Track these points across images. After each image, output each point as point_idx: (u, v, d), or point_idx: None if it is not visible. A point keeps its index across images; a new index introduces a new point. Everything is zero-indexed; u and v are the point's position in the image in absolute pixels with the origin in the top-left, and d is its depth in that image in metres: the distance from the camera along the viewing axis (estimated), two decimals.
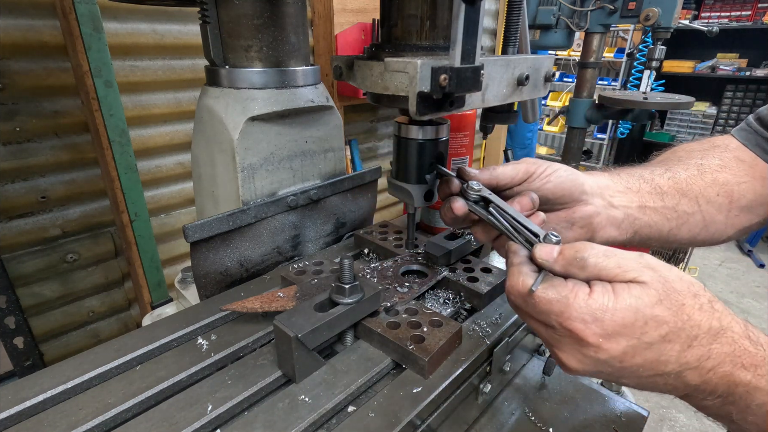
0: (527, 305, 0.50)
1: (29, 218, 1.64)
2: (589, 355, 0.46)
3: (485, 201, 0.62)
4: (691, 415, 2.74)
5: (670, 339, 0.44)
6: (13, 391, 0.56)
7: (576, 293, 0.46)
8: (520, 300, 0.51)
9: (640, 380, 0.47)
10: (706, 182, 0.75)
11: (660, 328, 0.44)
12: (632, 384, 0.49)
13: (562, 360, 0.49)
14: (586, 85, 2.40)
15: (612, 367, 0.46)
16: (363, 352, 0.64)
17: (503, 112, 0.86)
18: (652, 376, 0.46)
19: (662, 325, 0.44)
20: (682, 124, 5.64)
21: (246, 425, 0.52)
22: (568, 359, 0.48)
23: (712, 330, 0.45)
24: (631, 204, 0.70)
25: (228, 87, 0.83)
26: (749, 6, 4.98)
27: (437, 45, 0.63)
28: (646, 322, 0.44)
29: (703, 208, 0.74)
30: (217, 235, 0.79)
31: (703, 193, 0.74)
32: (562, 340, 0.48)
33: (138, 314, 1.99)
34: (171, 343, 0.67)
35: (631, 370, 0.46)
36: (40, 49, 1.52)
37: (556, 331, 0.48)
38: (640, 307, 0.44)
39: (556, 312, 0.46)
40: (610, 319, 0.44)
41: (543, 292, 0.48)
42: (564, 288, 0.47)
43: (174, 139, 1.90)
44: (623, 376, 0.47)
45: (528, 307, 0.50)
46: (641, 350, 0.44)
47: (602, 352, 0.45)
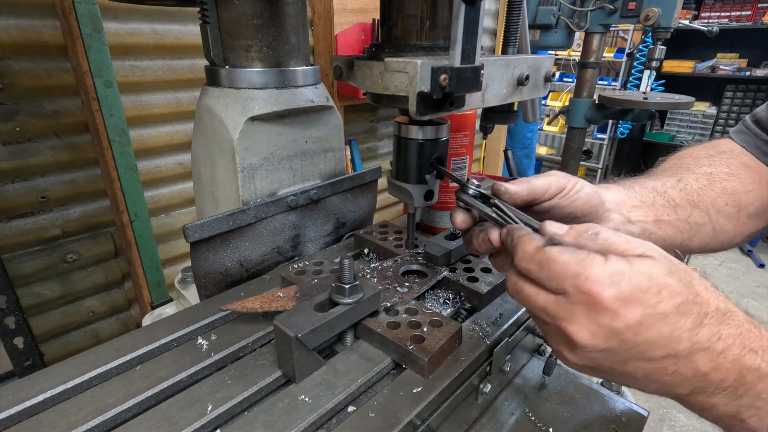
0: (540, 269, 0.47)
1: (29, 218, 1.64)
2: (604, 323, 0.43)
3: (484, 198, 0.62)
4: (691, 415, 2.74)
5: (683, 312, 0.43)
6: (13, 391, 0.56)
7: (593, 257, 0.45)
8: (533, 265, 0.48)
9: (650, 367, 0.45)
10: (716, 192, 0.75)
11: (674, 298, 0.43)
12: (640, 374, 0.46)
13: (572, 335, 0.45)
14: (586, 85, 2.40)
15: (625, 342, 0.43)
16: (363, 352, 0.64)
17: (503, 112, 0.86)
18: (663, 358, 0.43)
19: (676, 296, 0.43)
20: (682, 124, 5.64)
21: (246, 425, 0.52)
22: (580, 332, 0.45)
23: (720, 310, 0.44)
24: (646, 219, 0.70)
25: (228, 87, 0.83)
26: (749, 6, 4.98)
27: (437, 45, 0.63)
28: (660, 291, 0.43)
29: (714, 218, 0.75)
30: (217, 235, 0.79)
31: (713, 204, 0.75)
32: (574, 309, 0.45)
33: (138, 314, 1.99)
34: (171, 343, 0.67)
35: (644, 347, 0.43)
36: (40, 49, 1.52)
37: (569, 298, 0.45)
38: (654, 275, 0.43)
39: (573, 273, 0.44)
40: (627, 283, 0.43)
41: (559, 254, 0.46)
42: (580, 253, 0.45)
43: (174, 139, 1.90)
44: (633, 358, 0.44)
45: (541, 272, 0.47)
46: (656, 321, 0.43)
47: (618, 319, 0.43)
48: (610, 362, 0.46)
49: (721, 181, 0.77)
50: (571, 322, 0.45)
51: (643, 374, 0.46)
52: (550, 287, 0.47)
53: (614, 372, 0.47)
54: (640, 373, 0.46)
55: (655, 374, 0.45)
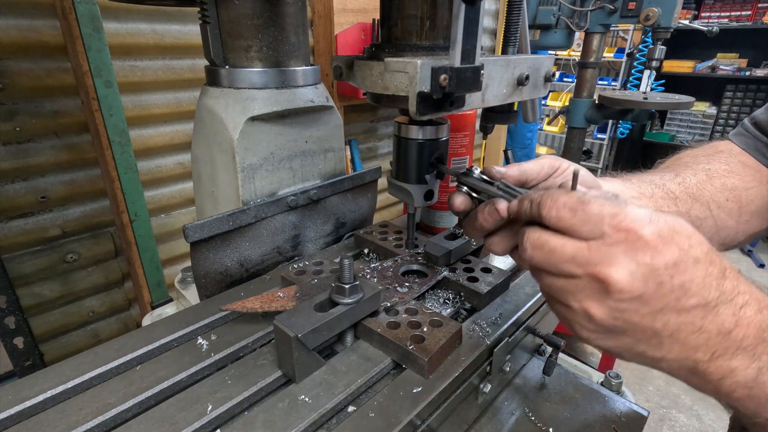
0: (574, 214, 0.45)
1: (29, 218, 1.64)
2: (644, 261, 0.42)
3: (487, 182, 0.62)
4: (691, 415, 2.74)
5: (711, 260, 0.43)
6: (13, 391, 0.56)
7: (626, 203, 0.45)
8: (565, 211, 0.46)
9: (679, 320, 0.43)
10: (716, 187, 0.75)
11: (702, 245, 0.43)
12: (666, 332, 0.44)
13: (609, 277, 0.43)
14: (586, 85, 2.41)
15: (662, 285, 0.42)
16: (363, 352, 0.64)
17: (503, 112, 0.86)
18: (694, 308, 0.42)
19: (703, 243, 0.43)
20: (682, 124, 5.64)
21: (246, 425, 0.52)
22: (618, 272, 0.42)
23: (734, 268, 0.45)
24: None
25: (228, 87, 0.83)
26: (749, 6, 4.98)
27: (437, 45, 0.63)
28: (690, 236, 0.43)
29: (715, 213, 0.74)
30: (217, 235, 0.79)
31: (713, 198, 0.74)
32: (612, 250, 0.43)
33: (138, 314, 1.99)
34: (171, 343, 0.67)
35: (678, 292, 0.42)
36: (40, 49, 1.52)
37: (605, 239, 0.43)
38: (683, 223, 0.44)
39: (610, 214, 0.44)
40: (664, 222, 0.43)
41: (594, 199, 0.45)
42: (612, 199, 0.45)
43: (174, 139, 1.90)
44: (665, 308, 0.43)
45: (575, 217, 0.45)
46: (690, 264, 0.42)
47: (659, 256, 0.42)
48: (640, 315, 0.44)
49: (720, 177, 0.76)
50: (609, 264, 0.43)
51: (669, 331, 0.44)
52: (583, 232, 0.45)
53: (639, 331, 0.45)
54: (667, 330, 0.44)
55: (682, 330, 0.43)
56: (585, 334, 0.48)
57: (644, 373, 3.07)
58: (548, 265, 0.48)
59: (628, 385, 0.86)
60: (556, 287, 0.49)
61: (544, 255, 0.48)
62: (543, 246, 0.48)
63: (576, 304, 0.47)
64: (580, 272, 0.45)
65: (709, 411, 2.77)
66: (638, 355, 0.47)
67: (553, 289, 0.49)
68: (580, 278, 0.46)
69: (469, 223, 0.63)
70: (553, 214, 0.47)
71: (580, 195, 0.46)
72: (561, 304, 0.49)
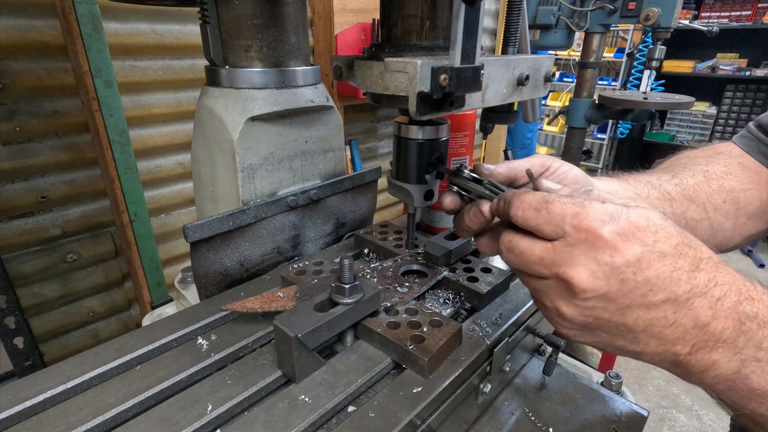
0: (538, 213, 0.46)
1: (29, 218, 1.64)
2: (604, 260, 0.42)
3: (476, 180, 0.63)
4: (691, 415, 2.74)
5: (680, 252, 0.43)
6: (13, 391, 0.56)
7: (591, 201, 0.45)
8: (530, 211, 0.47)
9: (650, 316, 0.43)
10: (713, 189, 0.75)
11: (670, 239, 0.43)
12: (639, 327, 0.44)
13: (571, 278, 0.44)
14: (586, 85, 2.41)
15: (625, 282, 0.42)
16: (363, 352, 0.64)
17: (503, 112, 0.86)
18: (663, 303, 0.42)
19: (672, 237, 0.43)
20: (682, 124, 5.64)
21: (246, 425, 0.52)
22: (579, 274, 0.43)
23: (713, 258, 0.44)
24: None
25: (228, 87, 0.83)
26: (749, 6, 4.98)
27: (437, 45, 0.63)
28: (657, 230, 0.43)
29: (711, 215, 0.74)
30: (217, 235, 0.79)
31: (710, 200, 0.74)
32: (573, 250, 0.44)
33: (138, 314, 1.99)
34: (171, 343, 0.67)
35: (644, 288, 0.42)
36: (40, 49, 1.52)
37: (567, 239, 0.44)
38: (650, 217, 0.44)
39: (572, 213, 0.44)
40: (626, 219, 0.43)
41: (557, 198, 0.46)
42: (577, 198, 0.46)
43: (174, 139, 1.91)
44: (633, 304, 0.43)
45: (539, 216, 0.46)
46: (655, 260, 0.42)
47: (618, 254, 0.42)
48: (609, 312, 0.44)
49: (717, 179, 0.76)
50: (570, 264, 0.44)
51: (642, 326, 0.44)
52: (548, 232, 0.46)
53: (612, 327, 0.45)
54: (639, 325, 0.44)
55: (655, 325, 0.43)
56: (564, 330, 0.49)
57: (644, 373, 3.07)
58: (521, 266, 0.49)
59: (628, 385, 0.86)
60: (532, 287, 0.51)
61: (516, 257, 0.50)
62: (514, 248, 0.50)
63: (549, 304, 0.48)
64: (547, 273, 0.46)
65: (709, 411, 2.77)
66: (618, 349, 0.48)
67: (530, 288, 0.51)
68: (549, 279, 0.47)
69: (458, 222, 0.64)
70: (519, 214, 0.49)
71: (545, 195, 0.47)
72: (539, 303, 0.51)
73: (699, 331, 0.43)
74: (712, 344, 0.43)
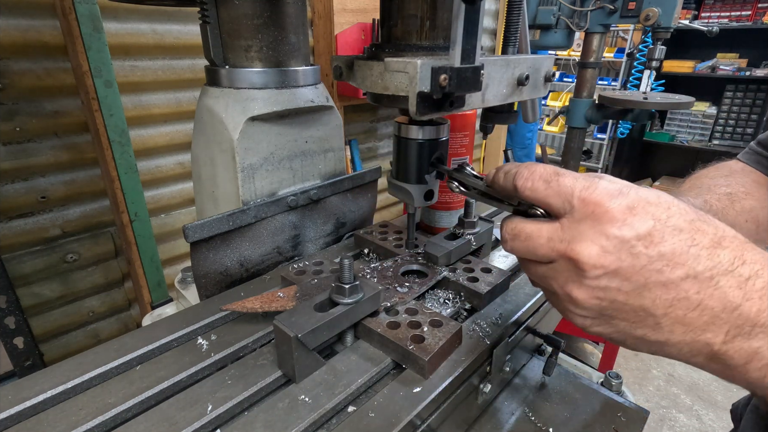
0: (548, 186, 0.44)
1: (29, 218, 1.64)
2: (612, 233, 0.39)
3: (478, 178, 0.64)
4: (691, 415, 2.74)
5: (698, 228, 0.39)
6: (13, 391, 0.56)
7: (601, 178, 0.43)
8: (540, 182, 0.45)
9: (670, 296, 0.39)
10: (737, 210, 0.76)
11: (686, 215, 0.40)
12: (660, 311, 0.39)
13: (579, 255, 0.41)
14: (586, 85, 2.40)
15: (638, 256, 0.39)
16: (363, 352, 0.64)
17: (503, 112, 0.86)
18: (683, 280, 0.38)
19: (687, 213, 0.40)
20: (682, 124, 5.64)
21: (246, 425, 0.52)
22: (587, 249, 0.40)
23: (738, 237, 0.40)
24: None
25: (228, 87, 0.83)
26: (749, 6, 4.98)
27: (437, 45, 0.63)
28: (669, 207, 0.40)
29: None
30: (217, 235, 0.79)
31: (736, 222, 0.75)
32: (581, 226, 0.41)
33: (138, 314, 2.00)
34: (171, 343, 0.67)
35: (659, 263, 0.38)
36: (40, 49, 1.52)
37: (574, 214, 0.42)
38: (662, 194, 0.41)
39: (581, 187, 0.42)
40: (635, 194, 0.40)
41: (567, 174, 0.44)
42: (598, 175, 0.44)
43: (174, 139, 1.91)
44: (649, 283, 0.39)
45: (549, 188, 0.44)
46: (669, 233, 0.39)
47: (627, 227, 0.39)
48: (624, 294, 0.40)
49: (740, 200, 0.78)
50: (578, 240, 0.41)
51: (663, 309, 0.39)
52: (556, 205, 0.44)
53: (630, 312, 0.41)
54: (659, 308, 0.39)
55: (677, 307, 0.39)
56: (579, 321, 0.45)
57: (644, 373, 3.07)
58: (528, 252, 0.47)
59: (628, 385, 0.86)
60: (540, 275, 0.47)
61: (522, 243, 0.47)
62: (520, 234, 0.47)
63: (560, 290, 0.45)
64: (555, 255, 0.44)
65: (709, 411, 2.77)
66: (640, 340, 0.43)
67: (538, 276, 0.48)
68: (557, 261, 0.44)
69: None
70: (528, 185, 0.46)
71: (555, 168, 0.46)
72: (549, 292, 0.48)
73: (730, 315, 0.38)
74: (749, 329, 0.38)
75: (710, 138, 5.39)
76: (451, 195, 1.02)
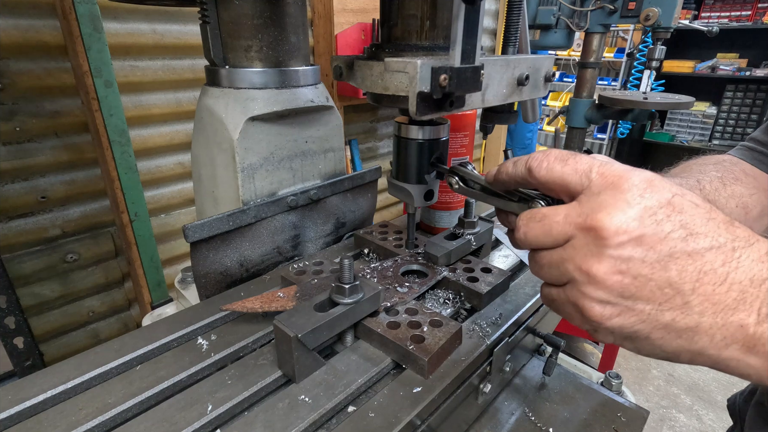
0: (565, 164, 0.44)
1: (29, 218, 1.64)
2: (634, 200, 0.39)
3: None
4: (691, 415, 2.74)
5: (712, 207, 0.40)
6: (13, 391, 0.56)
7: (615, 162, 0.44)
8: (556, 162, 0.45)
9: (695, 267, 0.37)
10: (728, 194, 0.77)
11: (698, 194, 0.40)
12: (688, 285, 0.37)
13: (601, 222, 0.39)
14: (586, 85, 2.40)
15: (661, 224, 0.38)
16: (363, 352, 0.64)
17: (503, 112, 0.86)
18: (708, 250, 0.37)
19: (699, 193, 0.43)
20: (682, 124, 5.64)
21: (246, 425, 0.52)
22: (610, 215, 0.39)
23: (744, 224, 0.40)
24: None
25: (228, 87, 0.83)
26: (749, 6, 4.98)
27: (437, 45, 0.63)
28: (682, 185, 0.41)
29: None
30: (217, 235, 0.79)
31: (726, 205, 0.76)
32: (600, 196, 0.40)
33: (138, 314, 2.00)
34: (171, 343, 0.67)
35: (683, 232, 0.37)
36: (40, 49, 1.52)
37: (592, 187, 0.41)
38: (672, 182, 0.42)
39: (599, 163, 0.42)
40: (651, 173, 0.41)
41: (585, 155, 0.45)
42: None
43: (174, 139, 1.91)
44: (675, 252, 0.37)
45: (566, 166, 0.44)
46: (688, 205, 0.38)
47: (649, 195, 0.39)
48: (649, 265, 0.38)
49: (730, 185, 0.78)
50: (599, 209, 0.40)
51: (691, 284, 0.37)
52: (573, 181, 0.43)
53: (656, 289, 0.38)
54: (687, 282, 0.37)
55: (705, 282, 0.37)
56: (597, 310, 0.41)
57: (644, 373, 3.07)
58: (543, 234, 0.45)
59: (628, 385, 0.86)
60: (555, 262, 0.44)
61: (537, 224, 0.45)
62: (535, 215, 0.46)
63: (577, 272, 0.42)
64: (572, 230, 0.42)
65: (709, 411, 2.77)
66: (667, 328, 0.39)
67: (553, 265, 0.45)
68: (575, 238, 0.42)
69: None
70: (543, 165, 0.46)
71: (571, 151, 0.46)
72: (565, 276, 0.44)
73: (759, 289, 0.36)
74: None
75: (710, 138, 5.39)
76: (451, 195, 1.02)
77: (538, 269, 0.48)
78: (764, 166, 0.83)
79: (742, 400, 0.87)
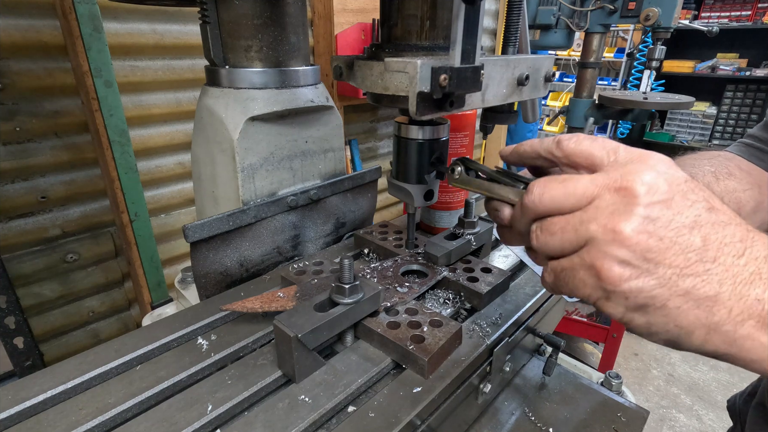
0: (594, 142, 0.45)
1: (29, 218, 1.64)
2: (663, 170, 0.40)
3: None
4: (691, 415, 2.74)
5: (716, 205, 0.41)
6: (13, 391, 0.56)
7: None
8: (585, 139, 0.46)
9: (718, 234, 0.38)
10: (721, 189, 0.77)
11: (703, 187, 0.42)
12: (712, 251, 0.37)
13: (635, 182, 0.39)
14: (586, 85, 2.40)
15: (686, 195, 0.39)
16: (363, 352, 0.64)
17: (503, 112, 0.86)
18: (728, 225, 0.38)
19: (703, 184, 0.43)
20: (682, 124, 5.64)
21: (246, 425, 0.52)
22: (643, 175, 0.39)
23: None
24: None
25: (228, 87, 0.83)
26: (749, 6, 4.98)
27: (437, 45, 0.63)
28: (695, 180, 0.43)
29: None
30: (217, 235, 0.79)
31: None
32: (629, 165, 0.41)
33: (138, 314, 2.00)
34: (171, 343, 0.67)
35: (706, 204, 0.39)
36: (40, 49, 1.52)
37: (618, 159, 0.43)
38: None
39: (625, 145, 0.44)
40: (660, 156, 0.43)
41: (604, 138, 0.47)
42: None
43: (174, 139, 1.91)
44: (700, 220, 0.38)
45: (596, 143, 0.45)
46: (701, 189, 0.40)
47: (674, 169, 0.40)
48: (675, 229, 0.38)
49: (723, 179, 0.78)
50: (629, 173, 0.40)
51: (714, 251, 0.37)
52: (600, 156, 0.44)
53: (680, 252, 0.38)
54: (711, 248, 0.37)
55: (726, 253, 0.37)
56: (616, 271, 0.39)
57: (644, 373, 3.07)
58: (563, 195, 0.43)
59: (628, 385, 0.86)
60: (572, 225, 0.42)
61: (559, 184, 0.43)
62: (557, 177, 0.44)
63: (600, 231, 0.40)
64: (599, 190, 0.41)
65: (709, 411, 2.77)
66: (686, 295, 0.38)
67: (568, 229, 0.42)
68: (599, 198, 0.41)
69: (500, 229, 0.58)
70: (573, 139, 0.46)
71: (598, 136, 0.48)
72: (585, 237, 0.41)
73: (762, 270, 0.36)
74: None
75: (710, 138, 5.40)
76: (451, 195, 1.02)
77: (548, 237, 0.44)
78: (760, 162, 0.83)
79: (742, 402, 0.87)
